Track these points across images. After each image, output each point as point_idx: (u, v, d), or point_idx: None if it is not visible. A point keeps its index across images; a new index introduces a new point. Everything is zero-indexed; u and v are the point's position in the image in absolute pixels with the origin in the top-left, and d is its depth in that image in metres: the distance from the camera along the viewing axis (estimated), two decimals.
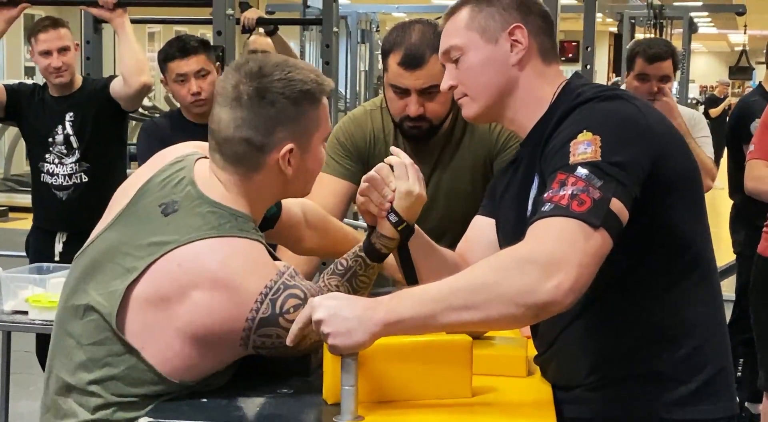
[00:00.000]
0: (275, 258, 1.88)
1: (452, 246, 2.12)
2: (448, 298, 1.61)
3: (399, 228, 1.95)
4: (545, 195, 1.67)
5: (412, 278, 2.00)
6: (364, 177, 1.98)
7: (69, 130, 4.27)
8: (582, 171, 1.65)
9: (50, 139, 4.28)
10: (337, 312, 1.62)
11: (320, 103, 1.86)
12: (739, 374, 4.60)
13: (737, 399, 1.93)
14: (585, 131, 1.71)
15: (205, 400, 1.77)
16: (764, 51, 5.21)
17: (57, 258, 4.16)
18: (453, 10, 1.95)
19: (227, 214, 1.80)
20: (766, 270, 3.75)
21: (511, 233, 1.86)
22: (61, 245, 4.25)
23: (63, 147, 4.28)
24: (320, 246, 2.18)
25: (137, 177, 1.92)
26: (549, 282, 1.57)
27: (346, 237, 2.25)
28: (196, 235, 1.77)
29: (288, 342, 1.72)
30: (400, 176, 1.95)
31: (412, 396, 1.75)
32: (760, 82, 4.95)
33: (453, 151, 2.68)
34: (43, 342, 4.18)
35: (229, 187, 1.84)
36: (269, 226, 2.10)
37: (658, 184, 1.74)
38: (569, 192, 1.63)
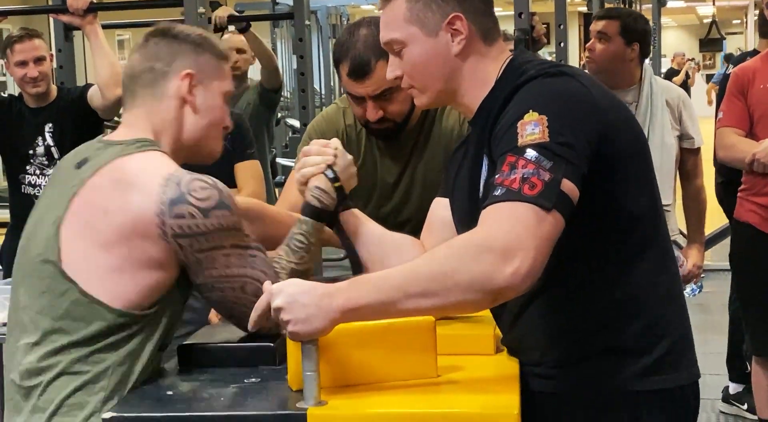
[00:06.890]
0: None
1: None
2: (406, 286, 1.62)
3: (335, 185, 2.00)
4: (496, 178, 1.67)
5: (353, 255, 2.05)
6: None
7: (49, 141, 4.32)
8: (531, 153, 1.66)
9: (31, 151, 4.33)
10: (296, 299, 1.64)
11: (222, 59, 2.03)
12: None
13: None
14: (531, 111, 1.70)
15: (170, 393, 1.80)
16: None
17: None
18: None
19: (128, 142, 1.93)
20: (744, 235, 3.76)
21: (465, 217, 1.89)
22: None
23: (44, 158, 4.32)
24: (263, 236, 2.13)
25: None
26: (506, 269, 1.58)
27: (289, 219, 2.20)
28: (103, 164, 1.89)
29: (249, 327, 1.78)
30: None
31: (377, 380, 1.75)
32: (754, 49, 4.76)
33: (425, 142, 2.69)
34: None
35: (133, 124, 1.98)
36: None
37: (605, 160, 1.75)
38: (520, 175, 1.64)
